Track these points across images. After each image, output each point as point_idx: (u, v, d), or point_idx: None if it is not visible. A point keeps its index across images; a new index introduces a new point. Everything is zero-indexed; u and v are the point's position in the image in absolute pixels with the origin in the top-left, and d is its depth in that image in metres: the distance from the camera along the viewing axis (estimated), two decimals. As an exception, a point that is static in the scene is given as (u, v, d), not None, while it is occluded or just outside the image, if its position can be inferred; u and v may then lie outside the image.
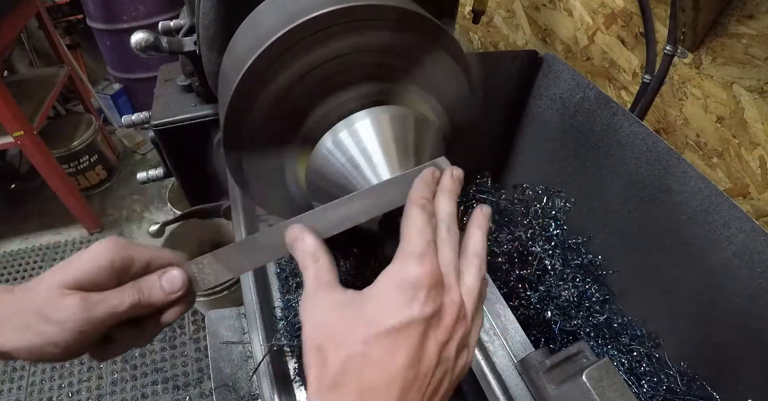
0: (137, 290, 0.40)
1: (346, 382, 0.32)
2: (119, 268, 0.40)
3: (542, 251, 0.98)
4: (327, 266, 0.38)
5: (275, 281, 0.71)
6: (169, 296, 0.41)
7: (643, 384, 0.79)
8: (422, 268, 0.34)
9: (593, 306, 0.92)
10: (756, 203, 0.92)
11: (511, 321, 0.60)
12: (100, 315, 0.37)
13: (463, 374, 0.37)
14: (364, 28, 0.46)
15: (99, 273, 0.39)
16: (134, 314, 0.40)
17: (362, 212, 0.43)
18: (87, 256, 0.39)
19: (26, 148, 2.00)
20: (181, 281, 0.41)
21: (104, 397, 1.83)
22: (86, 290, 0.38)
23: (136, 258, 0.41)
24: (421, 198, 0.39)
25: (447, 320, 0.35)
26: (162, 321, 0.42)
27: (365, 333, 0.33)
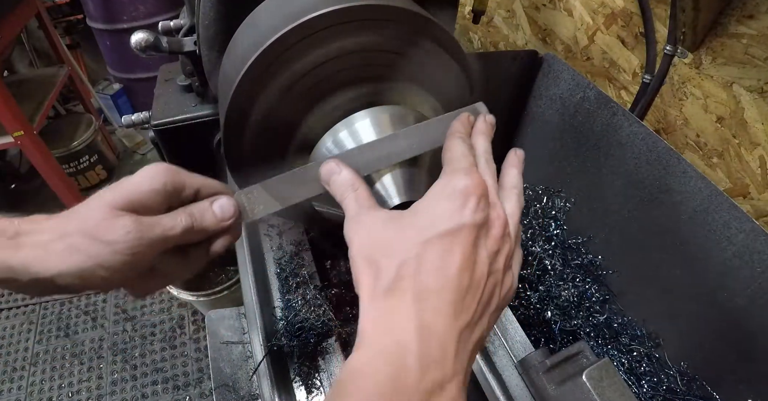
0: (190, 214, 0.39)
1: (402, 286, 0.32)
2: (171, 192, 0.39)
3: (542, 251, 0.98)
4: (366, 193, 0.39)
5: (275, 281, 0.70)
6: (221, 223, 0.40)
7: (643, 384, 0.79)
8: (470, 179, 0.35)
9: (593, 306, 0.92)
10: (756, 203, 0.92)
11: (511, 321, 0.60)
12: (154, 238, 0.36)
13: (509, 297, 0.37)
14: (364, 28, 0.46)
15: (151, 196, 0.37)
16: (186, 240, 0.39)
17: (404, 150, 0.44)
18: (138, 179, 0.38)
19: (26, 148, 2.00)
20: (233, 208, 0.41)
21: (104, 397, 1.83)
22: (137, 213, 0.37)
23: (188, 184, 0.40)
24: (460, 133, 0.41)
25: (495, 231, 0.35)
26: (211, 250, 0.42)
27: (419, 238, 0.33)
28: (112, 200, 0.36)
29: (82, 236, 0.35)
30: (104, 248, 0.35)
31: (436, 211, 0.34)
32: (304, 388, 0.60)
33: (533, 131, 1.09)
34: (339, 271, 0.74)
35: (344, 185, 0.39)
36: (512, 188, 0.40)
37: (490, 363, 0.57)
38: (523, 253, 0.98)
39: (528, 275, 0.95)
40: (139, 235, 0.36)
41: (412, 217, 0.35)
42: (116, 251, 0.35)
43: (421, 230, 0.34)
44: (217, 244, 0.42)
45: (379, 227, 0.36)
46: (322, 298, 0.66)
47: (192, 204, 0.40)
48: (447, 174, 0.37)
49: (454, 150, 0.39)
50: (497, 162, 0.42)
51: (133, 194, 0.37)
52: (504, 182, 0.41)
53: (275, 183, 0.42)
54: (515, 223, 0.38)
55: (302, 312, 0.65)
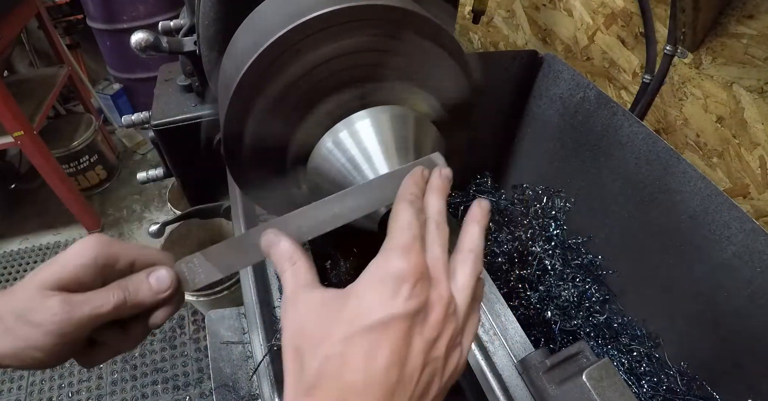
0: (123, 289, 0.37)
1: (324, 385, 0.30)
2: (103, 266, 0.37)
3: (542, 251, 0.98)
4: (305, 267, 0.37)
5: (275, 282, 0.70)
6: (157, 295, 0.39)
7: (643, 384, 0.79)
8: (407, 261, 0.33)
9: (593, 306, 0.92)
10: (756, 203, 0.92)
11: (511, 321, 0.60)
12: (84, 316, 0.35)
13: (455, 376, 0.35)
14: (364, 27, 0.46)
15: (82, 272, 0.37)
16: (120, 315, 0.38)
17: (352, 210, 0.42)
18: (69, 254, 0.37)
19: (26, 148, 2.00)
20: (170, 280, 0.39)
21: (104, 397, 1.83)
22: (70, 291, 0.36)
23: (122, 255, 0.39)
24: (410, 194, 0.38)
25: (434, 316, 0.33)
26: (150, 323, 0.40)
27: (344, 332, 0.31)
28: (42, 279, 0.36)
29: (14, 318, 0.35)
30: (34, 329, 0.35)
31: (365, 299, 0.32)
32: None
33: (533, 131, 1.09)
34: (339, 271, 0.74)
35: (282, 258, 0.37)
36: (469, 252, 0.37)
37: (490, 363, 0.57)
38: (523, 253, 0.98)
39: (528, 275, 0.95)
40: (66, 316, 0.35)
41: (342, 303, 0.33)
42: (47, 332, 0.35)
43: (349, 321, 0.31)
44: (156, 316, 0.40)
45: (310, 314, 0.33)
46: (322, 298, 0.66)
47: (127, 277, 0.39)
48: (384, 252, 0.34)
49: (398, 219, 0.36)
50: (497, 161, 0.41)
51: (63, 272, 0.36)
52: (461, 245, 0.37)
53: (216, 251, 0.41)
54: (466, 296, 0.35)
55: (302, 312, 0.65)
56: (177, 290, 0.40)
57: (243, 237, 0.41)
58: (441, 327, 0.33)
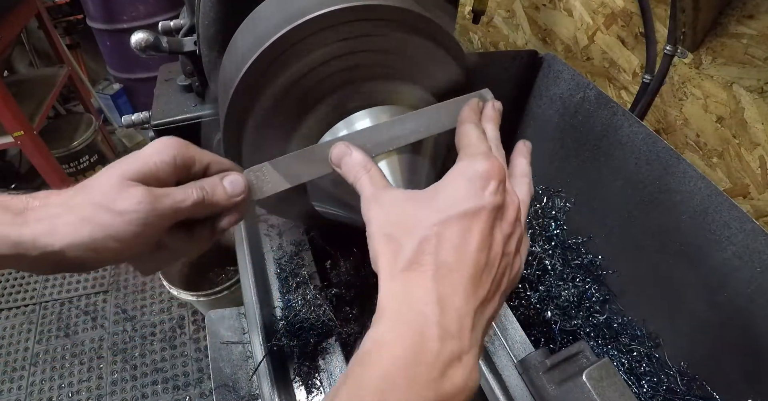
0: (201, 188, 0.39)
1: (422, 261, 0.33)
2: (181, 166, 0.39)
3: (542, 251, 0.98)
4: (380, 173, 0.39)
5: (275, 281, 0.70)
6: (230, 199, 0.40)
7: (643, 384, 0.79)
8: (491, 163, 0.36)
9: (593, 306, 0.92)
10: (756, 203, 0.92)
11: (511, 321, 0.60)
12: (165, 209, 0.36)
13: (516, 281, 0.38)
14: (364, 28, 0.46)
15: (161, 168, 0.38)
16: (195, 213, 0.39)
17: (412, 132, 0.44)
18: (149, 151, 0.38)
19: (26, 148, 2.00)
20: (243, 184, 0.41)
21: (104, 397, 1.83)
22: (148, 185, 0.37)
23: (198, 159, 0.40)
24: (474, 118, 0.42)
25: (509, 215, 0.36)
26: (218, 226, 0.42)
27: (439, 217, 0.34)
28: (122, 171, 0.36)
29: (94, 206, 0.35)
30: (116, 218, 0.35)
31: (458, 192, 0.35)
32: (304, 388, 0.60)
33: (533, 131, 1.09)
34: (339, 271, 0.74)
35: (356, 167, 0.40)
36: (523, 176, 0.41)
37: (490, 363, 0.57)
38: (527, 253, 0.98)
39: (528, 275, 0.95)
40: (150, 206, 0.35)
41: (432, 196, 0.36)
42: (128, 221, 0.35)
43: (441, 209, 0.34)
44: (225, 221, 0.42)
45: (398, 206, 0.36)
46: (322, 298, 0.66)
47: (203, 179, 0.40)
48: (467, 157, 0.38)
49: (470, 135, 0.40)
50: None
51: (144, 166, 0.37)
52: (514, 171, 0.42)
53: (284, 162, 0.42)
54: (526, 209, 0.39)
55: (302, 312, 0.65)
56: (248, 196, 0.41)
57: (311, 149, 0.43)
58: (514, 227, 0.37)
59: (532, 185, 0.41)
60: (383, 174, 0.39)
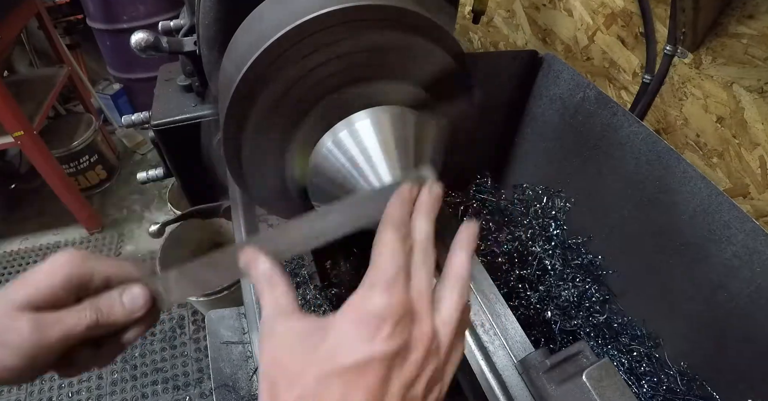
0: (95, 309, 0.36)
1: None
2: (77, 284, 0.37)
3: (542, 251, 0.98)
4: (283, 290, 0.35)
5: (275, 281, 0.70)
6: (130, 315, 0.38)
7: (643, 384, 0.79)
8: (389, 298, 0.31)
9: (593, 306, 0.92)
10: (756, 203, 0.92)
11: (511, 321, 0.60)
12: (55, 338, 0.35)
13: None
14: (364, 28, 0.46)
15: (55, 291, 0.36)
16: (93, 334, 0.37)
17: (335, 228, 0.40)
18: (41, 273, 0.36)
19: (26, 148, 2.00)
20: (143, 298, 0.38)
21: (104, 397, 1.83)
22: (41, 310, 0.35)
23: (96, 272, 0.38)
24: (396, 217, 0.36)
25: (415, 355, 0.31)
26: (123, 341, 0.39)
27: (319, 371, 0.30)
28: (12, 300, 0.35)
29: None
30: (3, 351, 0.34)
31: (344, 337, 0.31)
32: None
33: (533, 131, 1.09)
34: (339, 271, 0.74)
35: (261, 280, 0.36)
36: (456, 280, 0.35)
37: (490, 363, 0.57)
38: (523, 253, 0.98)
39: (528, 275, 0.95)
40: (36, 337, 0.34)
41: (320, 338, 0.32)
42: (17, 354, 0.34)
43: (325, 359, 0.30)
44: (129, 334, 0.39)
45: (286, 347, 0.33)
46: (322, 298, 0.66)
47: (100, 296, 0.38)
48: (366, 286, 0.33)
49: (383, 248, 0.34)
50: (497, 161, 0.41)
51: (35, 292, 0.35)
52: (447, 273, 0.36)
53: (193, 268, 0.40)
54: (451, 328, 0.34)
55: (302, 312, 0.65)
56: (151, 309, 0.39)
57: (221, 255, 0.40)
58: (421, 367, 0.32)
59: (468, 289, 0.35)
60: (289, 291, 0.36)
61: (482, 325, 0.60)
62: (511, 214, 1.10)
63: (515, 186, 1.15)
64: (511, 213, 1.10)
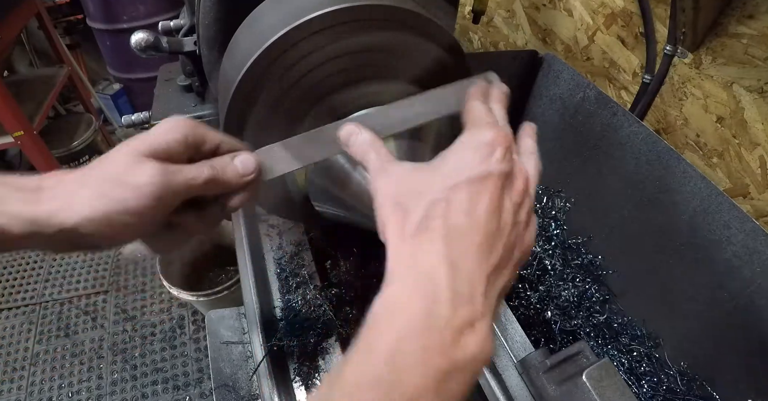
0: (211, 166, 0.39)
1: (431, 226, 0.32)
2: (192, 144, 0.39)
3: (542, 251, 0.98)
4: (387, 150, 0.39)
5: (275, 281, 0.70)
6: (242, 177, 0.40)
7: (643, 384, 0.79)
8: (497, 131, 0.36)
9: (593, 306, 0.92)
10: (756, 203, 0.91)
11: (511, 321, 0.60)
12: (178, 184, 0.37)
13: (528, 253, 0.37)
14: (364, 28, 0.46)
15: (173, 146, 0.38)
16: (207, 191, 0.39)
17: (419, 115, 0.44)
18: (162, 129, 0.39)
19: (26, 148, 2.00)
20: (254, 163, 0.41)
21: (104, 397, 1.83)
22: (162, 160, 0.37)
23: (208, 138, 0.40)
24: (481, 96, 0.41)
25: (518, 184, 0.35)
26: (229, 205, 0.42)
27: (447, 183, 0.33)
28: (136, 147, 0.37)
29: (108, 181, 0.36)
30: (130, 192, 0.35)
31: (464, 159, 0.35)
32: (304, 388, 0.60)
33: (533, 131, 1.09)
34: (339, 271, 0.74)
35: (364, 145, 0.40)
36: (531, 153, 0.40)
37: (490, 362, 0.57)
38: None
39: (528, 275, 0.95)
40: (164, 179, 0.36)
41: (439, 165, 0.35)
42: (142, 194, 0.35)
43: (448, 176, 0.34)
44: (235, 200, 0.42)
45: (405, 176, 0.36)
46: (322, 298, 0.66)
47: (215, 158, 0.40)
48: (472, 127, 0.38)
49: (477, 110, 0.39)
50: None
51: (156, 143, 0.38)
52: (521, 149, 0.41)
53: (295, 142, 0.42)
54: (534, 183, 0.38)
55: (302, 312, 0.65)
56: (258, 176, 0.42)
57: (321, 130, 0.43)
58: (523, 196, 0.36)
59: (540, 162, 0.40)
60: (390, 151, 0.39)
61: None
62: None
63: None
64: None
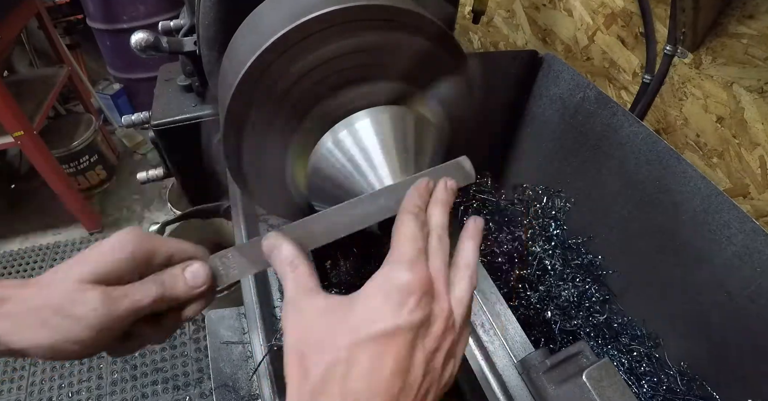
0: (160, 283, 0.38)
1: (329, 390, 0.31)
2: (141, 260, 0.38)
3: (542, 251, 0.98)
4: (307, 272, 0.37)
5: (275, 282, 0.70)
6: (192, 290, 0.39)
7: (643, 384, 0.79)
8: (413, 274, 0.33)
9: (593, 306, 0.92)
10: (756, 203, 0.92)
11: (511, 321, 0.60)
12: (123, 311, 0.36)
13: (448, 385, 0.36)
14: (364, 28, 0.46)
15: (119, 266, 0.37)
16: (156, 309, 0.38)
17: (356, 221, 0.42)
18: (106, 247, 0.37)
19: (26, 148, 2.00)
20: (205, 274, 0.40)
21: (104, 397, 1.83)
22: (106, 284, 0.36)
23: (158, 250, 0.39)
24: (414, 206, 0.39)
25: (436, 328, 0.34)
26: (183, 315, 0.41)
27: (351, 339, 0.32)
28: (80, 271, 0.36)
29: (52, 311, 0.35)
30: (73, 323, 0.35)
31: (372, 308, 0.33)
32: None
33: (533, 131, 1.09)
34: (339, 271, 0.74)
35: (283, 263, 0.38)
36: (466, 268, 0.37)
37: (490, 363, 0.57)
38: (524, 253, 0.98)
39: (528, 275, 0.95)
40: (107, 310, 0.35)
41: (348, 311, 0.33)
42: (86, 326, 0.35)
43: (354, 329, 0.32)
44: (189, 310, 0.41)
45: (313, 319, 0.34)
46: (322, 298, 0.66)
47: (163, 271, 0.39)
48: (389, 264, 0.35)
49: (403, 231, 0.36)
50: (497, 161, 0.41)
51: (100, 265, 0.36)
52: (457, 260, 0.38)
53: (249, 247, 0.41)
54: (463, 311, 0.36)
55: (302, 312, 0.65)
56: (212, 285, 0.41)
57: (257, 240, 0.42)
58: (441, 339, 0.34)
59: (476, 277, 0.38)
60: (311, 272, 0.37)
61: (482, 325, 0.60)
62: (511, 214, 1.10)
63: (515, 186, 1.15)
64: (511, 213, 1.10)
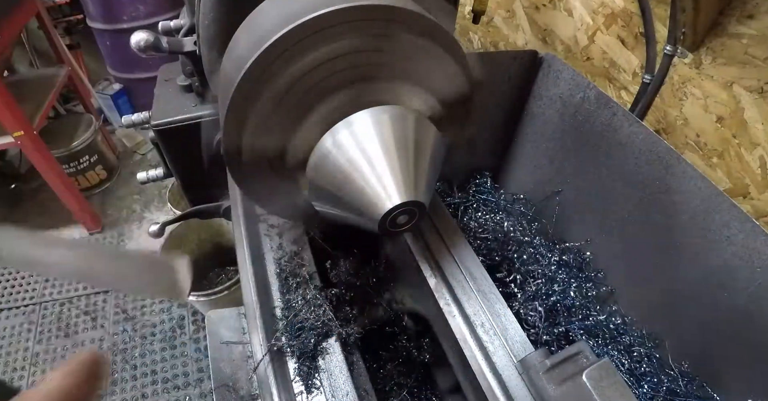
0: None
1: None
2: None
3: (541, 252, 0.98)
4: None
5: (275, 282, 0.70)
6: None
7: (643, 384, 0.79)
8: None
9: (593, 306, 0.92)
10: (756, 203, 0.92)
11: (511, 321, 0.60)
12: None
13: None
14: (363, 28, 0.46)
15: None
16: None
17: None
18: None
19: (26, 148, 2.00)
20: None
21: (104, 397, 1.83)
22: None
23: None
24: None
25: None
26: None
27: None
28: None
29: None
30: None
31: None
32: (304, 388, 0.60)
33: (533, 131, 1.09)
34: (339, 271, 0.74)
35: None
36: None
37: (490, 363, 0.57)
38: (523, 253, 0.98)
39: (525, 276, 0.95)
40: None
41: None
42: None
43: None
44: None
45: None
46: (322, 298, 0.66)
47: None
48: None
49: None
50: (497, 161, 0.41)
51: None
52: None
53: None
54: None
55: (302, 312, 0.65)
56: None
57: None
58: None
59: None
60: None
61: (482, 325, 0.60)
62: (511, 214, 1.10)
63: (515, 187, 1.15)
64: (511, 213, 1.10)
